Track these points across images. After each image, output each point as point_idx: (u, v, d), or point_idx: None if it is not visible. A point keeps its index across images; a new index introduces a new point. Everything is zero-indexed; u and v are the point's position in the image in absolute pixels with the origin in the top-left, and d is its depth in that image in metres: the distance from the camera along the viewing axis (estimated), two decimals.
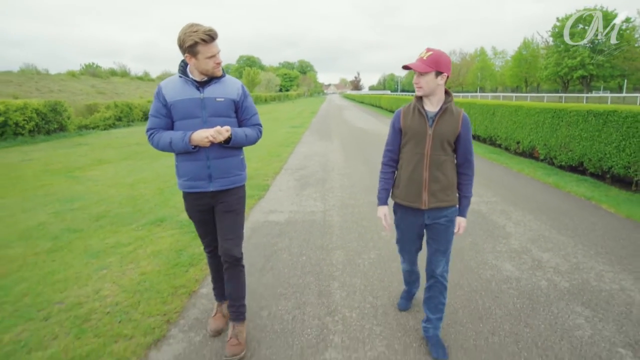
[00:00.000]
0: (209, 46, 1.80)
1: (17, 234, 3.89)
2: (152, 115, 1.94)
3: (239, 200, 2.08)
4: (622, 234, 3.65)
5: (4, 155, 9.56)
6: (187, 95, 1.89)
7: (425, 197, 1.89)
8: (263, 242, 3.58)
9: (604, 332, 2.16)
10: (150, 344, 2.09)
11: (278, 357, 2.01)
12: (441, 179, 1.88)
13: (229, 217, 2.03)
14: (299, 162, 7.71)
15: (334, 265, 3.06)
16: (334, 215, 4.32)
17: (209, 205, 2.04)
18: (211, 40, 1.80)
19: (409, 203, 1.94)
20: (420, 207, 1.91)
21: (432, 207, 1.89)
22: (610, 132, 5.43)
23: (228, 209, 2.03)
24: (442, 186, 1.88)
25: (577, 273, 2.87)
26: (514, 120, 8.18)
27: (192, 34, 1.77)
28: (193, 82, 1.90)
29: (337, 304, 2.50)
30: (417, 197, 1.90)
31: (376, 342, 2.11)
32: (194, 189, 1.98)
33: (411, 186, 1.91)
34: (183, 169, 1.97)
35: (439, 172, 1.87)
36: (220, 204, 2.03)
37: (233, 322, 2.12)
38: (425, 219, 1.95)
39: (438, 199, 1.89)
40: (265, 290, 2.69)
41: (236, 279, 2.09)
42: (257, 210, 4.59)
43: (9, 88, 21.17)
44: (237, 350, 1.98)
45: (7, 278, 2.89)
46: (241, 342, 2.03)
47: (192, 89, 1.90)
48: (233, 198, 2.04)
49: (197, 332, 2.22)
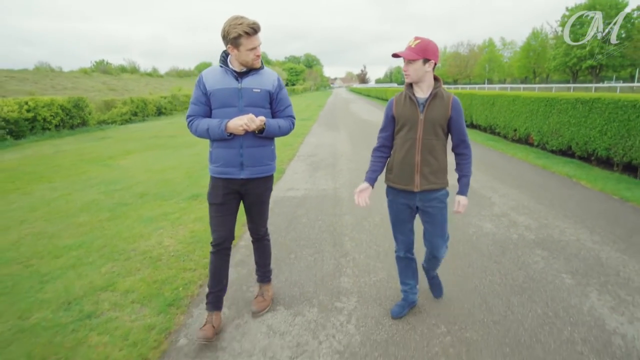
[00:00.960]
0: (251, 39, 1.87)
1: (77, 208, 4.64)
2: (192, 103, 2.03)
3: (267, 190, 2.20)
4: (592, 203, 4.26)
5: (38, 148, 10.41)
6: (226, 84, 1.97)
7: (417, 179, 1.97)
8: (285, 211, 4.28)
9: (554, 265, 2.81)
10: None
11: (306, 282, 2.70)
12: (432, 162, 1.97)
13: (258, 207, 2.21)
14: (310, 150, 8.38)
15: (345, 226, 3.74)
16: (343, 191, 4.99)
17: (237, 192, 2.11)
18: (254, 33, 1.87)
19: (402, 186, 2.01)
20: (412, 190, 1.99)
21: (423, 189, 1.98)
22: (594, 118, 5.97)
23: (257, 200, 2.17)
24: (433, 169, 1.97)
25: (544, 229, 3.51)
26: (512, 109, 8.72)
27: (237, 27, 1.83)
28: (232, 72, 1.97)
29: (348, 250, 3.19)
30: (410, 180, 1.99)
31: (378, 272, 2.79)
32: (226, 174, 2.05)
33: (404, 169, 1.99)
34: (216, 155, 2.04)
35: (430, 156, 1.96)
36: (250, 195, 2.13)
37: (260, 282, 2.44)
38: (417, 201, 2.03)
39: (429, 181, 1.98)
40: (290, 242, 3.39)
41: (263, 249, 2.39)
42: (276, 188, 5.29)
43: (25, 86, 21.75)
44: (263, 306, 2.31)
45: (85, 236, 3.63)
46: (266, 299, 2.36)
47: (231, 79, 1.97)
48: (262, 189, 2.16)
49: (243, 267, 2.92)
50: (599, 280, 2.60)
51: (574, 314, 2.23)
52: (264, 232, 2.35)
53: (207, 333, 2.00)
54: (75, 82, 26.73)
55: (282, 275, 2.79)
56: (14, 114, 11.88)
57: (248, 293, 2.58)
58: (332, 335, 2.12)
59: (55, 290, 2.63)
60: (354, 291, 2.56)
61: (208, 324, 2.07)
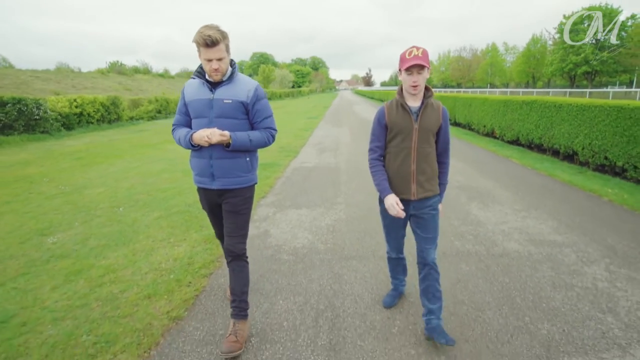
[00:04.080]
0: (207, 51, 1.84)
1: (156, 170, 6.68)
2: (176, 112, 2.11)
3: (245, 201, 2.09)
4: (510, 169, 6.22)
5: (92, 138, 12.57)
6: (200, 95, 1.97)
7: (414, 188, 1.96)
8: (301, 172, 6.29)
9: (468, 198, 4.79)
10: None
11: (317, 200, 4.69)
12: (427, 170, 1.97)
13: (233, 217, 2.07)
14: (318, 140, 10.41)
15: (342, 182, 5.74)
16: (342, 164, 6.99)
17: (215, 201, 2.12)
18: (207, 46, 1.82)
19: (399, 195, 1.98)
20: (409, 199, 1.98)
21: (420, 197, 1.97)
22: (533, 115, 7.91)
23: (232, 209, 2.07)
24: (428, 177, 1.98)
25: (469, 182, 5.47)
26: (482, 109, 10.67)
27: (196, 35, 1.82)
28: (206, 83, 1.98)
29: (343, 190, 5.19)
30: (406, 189, 1.98)
31: (357, 197, 4.78)
32: (201, 184, 2.08)
33: (400, 179, 1.98)
34: (193, 164, 2.08)
35: (425, 164, 1.96)
36: (226, 203, 2.08)
37: (234, 318, 2.08)
38: (411, 209, 2.02)
39: (425, 189, 1.98)
40: (308, 186, 5.40)
41: (239, 273, 2.09)
42: (294, 161, 7.33)
43: (49, 85, 23.14)
44: (234, 348, 1.96)
45: (175, 183, 5.66)
46: (239, 341, 2.00)
47: (205, 90, 1.97)
48: (238, 199, 2.07)
49: None
50: (481, 200, 4.58)
51: (463, 216, 4.20)
52: (240, 250, 2.10)
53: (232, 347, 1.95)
54: (94, 82, 28.43)
55: (302, 199, 4.79)
56: (66, 109, 14.05)
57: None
58: (330, 216, 4.12)
59: (177, 203, 4.66)
60: (343, 202, 4.59)
61: (232, 335, 2.01)
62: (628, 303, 2.41)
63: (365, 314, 2.36)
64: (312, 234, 3.67)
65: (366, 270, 2.92)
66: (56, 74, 27.27)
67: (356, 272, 2.90)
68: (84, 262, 3.11)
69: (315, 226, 3.88)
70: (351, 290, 2.63)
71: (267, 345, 2.11)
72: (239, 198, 2.08)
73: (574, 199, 4.64)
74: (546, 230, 3.65)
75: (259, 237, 3.63)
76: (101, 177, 6.29)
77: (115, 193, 5.23)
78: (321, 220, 4.05)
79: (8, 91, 17.18)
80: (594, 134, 5.94)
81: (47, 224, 4.02)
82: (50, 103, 13.28)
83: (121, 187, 5.57)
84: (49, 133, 12.85)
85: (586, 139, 6.14)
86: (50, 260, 3.15)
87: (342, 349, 2.05)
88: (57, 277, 2.86)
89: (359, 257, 3.16)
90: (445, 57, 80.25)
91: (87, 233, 3.75)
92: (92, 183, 5.86)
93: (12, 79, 21.29)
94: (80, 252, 3.30)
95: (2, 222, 4.10)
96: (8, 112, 11.52)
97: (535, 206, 4.36)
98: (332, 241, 3.49)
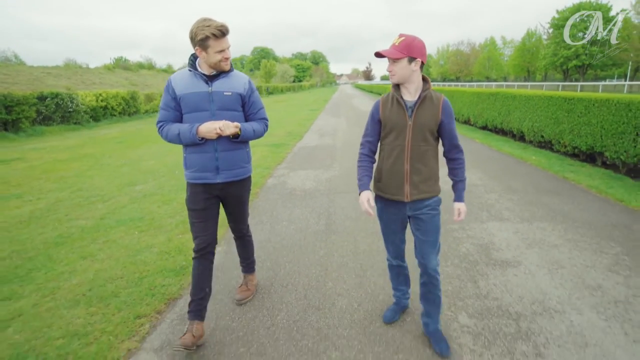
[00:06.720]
0: (219, 41, 1.88)
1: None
2: (161, 108, 2.02)
3: (248, 190, 2.27)
4: (473, 148, 7.89)
5: (119, 128, 14.25)
6: (196, 88, 1.97)
7: (407, 189, 1.87)
8: (306, 149, 8.01)
9: None
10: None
11: (317, 165, 6.38)
12: (423, 170, 1.86)
13: (239, 206, 2.28)
14: (318, 128, 12.10)
15: (338, 156, 7.42)
16: (339, 145, 8.68)
17: (216, 196, 2.13)
18: (222, 36, 1.88)
19: (391, 196, 1.91)
20: (402, 200, 1.89)
21: (414, 199, 1.88)
22: (497, 104, 9.56)
23: (237, 200, 2.23)
24: (423, 177, 1.87)
25: None
26: (461, 100, 12.31)
27: (205, 28, 1.85)
28: (202, 76, 1.97)
29: (338, 159, 6.89)
30: (399, 190, 1.88)
31: (354, 166, 6.47)
32: (202, 179, 2.05)
33: (392, 179, 1.89)
34: (191, 161, 2.04)
35: (420, 164, 1.85)
36: (230, 197, 2.18)
37: (245, 273, 2.54)
38: (408, 210, 1.93)
39: (420, 190, 1.87)
40: (311, 158, 7.09)
41: (246, 245, 2.48)
42: (299, 143, 9.04)
43: (61, 81, 23.82)
44: (247, 295, 2.43)
45: None
46: (250, 289, 2.48)
47: (201, 83, 1.97)
48: (241, 191, 2.20)
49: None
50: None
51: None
52: (245, 230, 2.42)
53: (186, 341, 1.91)
54: (102, 78, 28.95)
55: (307, 164, 6.48)
56: (93, 103, 15.71)
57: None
58: (328, 174, 5.81)
59: None
60: (337, 167, 6.30)
61: (188, 332, 1.97)
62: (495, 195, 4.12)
63: (349, 216, 4.06)
64: (315, 182, 5.38)
65: (350, 198, 4.62)
66: (66, 70, 27.71)
67: (343, 198, 4.61)
68: (167, 197, 4.82)
69: (317, 178, 5.58)
70: (340, 205, 4.35)
71: (292, 226, 3.82)
72: (241, 191, 2.22)
73: (505, 163, 6.36)
74: (473, 178, 5.35)
75: (280, 184, 5.35)
76: (148, 154, 7.99)
77: (164, 163, 6.93)
78: (321, 175, 5.75)
79: (24, 87, 18.05)
80: (535, 118, 7.60)
81: (130, 180, 5.73)
82: (80, 97, 14.94)
83: (167, 160, 7.27)
84: (80, 124, 14.55)
85: (530, 122, 7.81)
86: (146, 197, 4.86)
87: (333, 230, 3.75)
88: (157, 202, 4.57)
89: (345, 192, 4.87)
90: (444, 51, 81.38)
91: (160, 184, 5.46)
92: (144, 157, 7.57)
93: (25, 76, 22.01)
94: (162, 193, 5.01)
95: (97, 180, 5.81)
96: (48, 105, 13.20)
97: (476, 167, 6.05)
98: (329, 186, 5.20)
